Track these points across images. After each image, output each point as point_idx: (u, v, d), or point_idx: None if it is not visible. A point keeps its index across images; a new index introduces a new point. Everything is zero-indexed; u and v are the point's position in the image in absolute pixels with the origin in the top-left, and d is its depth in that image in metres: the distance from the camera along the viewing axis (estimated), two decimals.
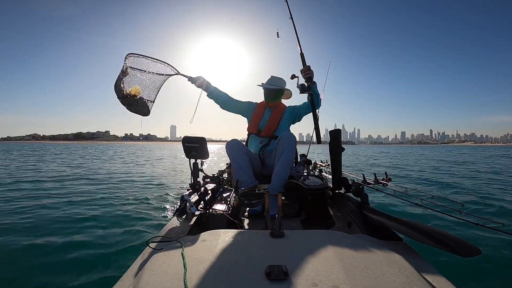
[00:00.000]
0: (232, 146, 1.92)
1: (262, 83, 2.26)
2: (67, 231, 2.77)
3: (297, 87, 1.99)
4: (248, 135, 2.28)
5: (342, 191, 1.74)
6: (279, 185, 1.72)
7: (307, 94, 2.01)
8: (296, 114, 2.22)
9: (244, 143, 2.26)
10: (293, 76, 2.03)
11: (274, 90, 2.20)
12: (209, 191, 1.71)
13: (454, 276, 1.65)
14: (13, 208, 3.77)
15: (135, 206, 3.87)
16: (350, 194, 1.64)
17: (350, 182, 1.67)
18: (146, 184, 6.36)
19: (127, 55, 1.68)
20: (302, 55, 2.14)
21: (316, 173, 2.57)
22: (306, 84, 2.01)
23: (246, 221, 1.63)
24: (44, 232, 2.74)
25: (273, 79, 2.26)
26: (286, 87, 2.26)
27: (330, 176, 1.89)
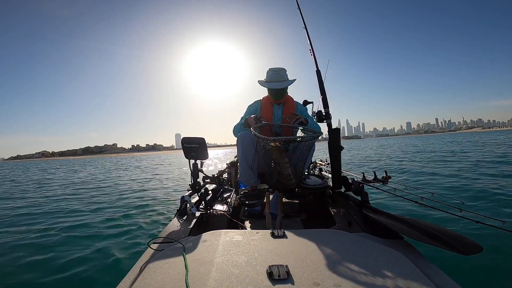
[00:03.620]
0: (244, 138, 1.79)
1: (265, 81, 2.00)
2: (68, 232, 2.77)
3: (312, 115, 1.79)
4: None
5: (342, 190, 1.74)
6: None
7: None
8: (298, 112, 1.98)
9: None
10: (305, 103, 1.81)
11: (284, 88, 1.97)
12: (210, 192, 1.70)
13: (456, 273, 1.65)
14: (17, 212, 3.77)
15: (136, 208, 3.87)
16: (350, 193, 1.64)
17: (350, 181, 1.66)
18: (145, 186, 6.35)
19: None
20: (318, 72, 1.85)
21: (316, 172, 2.57)
22: (323, 112, 1.75)
23: (247, 221, 1.63)
24: (45, 232, 2.74)
25: (275, 74, 1.97)
26: (291, 78, 2.00)
27: (330, 175, 1.89)
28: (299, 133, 1.97)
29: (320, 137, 1.63)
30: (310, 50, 1.99)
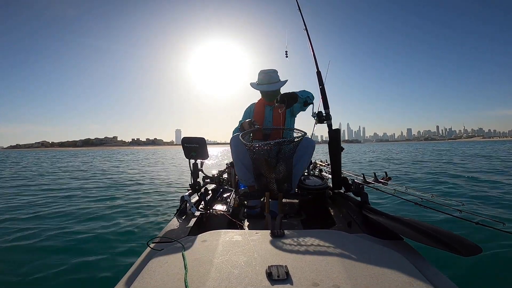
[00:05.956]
0: (237, 140, 1.78)
1: (257, 83, 2.04)
2: (67, 231, 2.76)
3: (312, 116, 1.79)
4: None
5: (342, 190, 1.74)
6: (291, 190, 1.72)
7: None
8: (292, 110, 2.02)
9: None
10: (306, 104, 1.85)
11: (276, 90, 2.00)
12: (209, 191, 1.70)
13: (455, 275, 1.66)
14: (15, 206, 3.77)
15: (135, 207, 3.87)
16: (350, 194, 1.64)
17: (350, 181, 1.66)
18: (145, 185, 6.35)
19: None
20: (319, 74, 1.87)
21: (316, 173, 2.57)
22: (323, 112, 1.75)
23: (247, 221, 1.63)
24: (44, 231, 2.74)
25: (266, 76, 2.00)
26: (282, 79, 2.04)
27: (330, 176, 1.89)
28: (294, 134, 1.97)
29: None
30: (310, 51, 2.01)
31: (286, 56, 2.08)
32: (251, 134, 1.97)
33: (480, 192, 4.25)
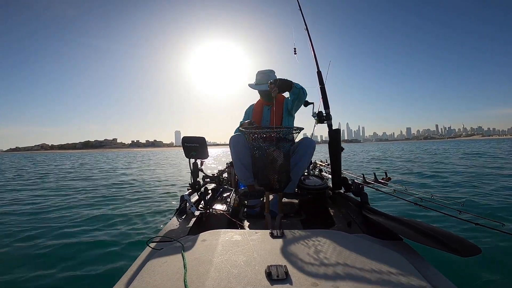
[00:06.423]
0: (236, 140, 1.82)
1: (255, 84, 2.08)
2: (66, 231, 2.76)
3: (312, 116, 1.79)
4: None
5: (342, 190, 1.74)
6: (291, 190, 1.72)
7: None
8: (288, 108, 2.03)
9: None
10: (307, 103, 1.84)
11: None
12: (209, 191, 1.70)
13: (454, 275, 1.66)
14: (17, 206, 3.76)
15: (135, 207, 3.87)
16: (350, 194, 1.64)
17: (350, 181, 1.66)
18: (146, 184, 6.35)
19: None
20: (319, 73, 1.89)
21: (316, 173, 2.57)
22: (324, 112, 1.77)
23: (246, 221, 1.63)
24: (43, 231, 2.74)
25: (264, 76, 2.04)
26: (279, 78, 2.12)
27: (330, 176, 1.89)
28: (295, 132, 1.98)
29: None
30: (311, 51, 2.02)
31: (295, 53, 2.06)
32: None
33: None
